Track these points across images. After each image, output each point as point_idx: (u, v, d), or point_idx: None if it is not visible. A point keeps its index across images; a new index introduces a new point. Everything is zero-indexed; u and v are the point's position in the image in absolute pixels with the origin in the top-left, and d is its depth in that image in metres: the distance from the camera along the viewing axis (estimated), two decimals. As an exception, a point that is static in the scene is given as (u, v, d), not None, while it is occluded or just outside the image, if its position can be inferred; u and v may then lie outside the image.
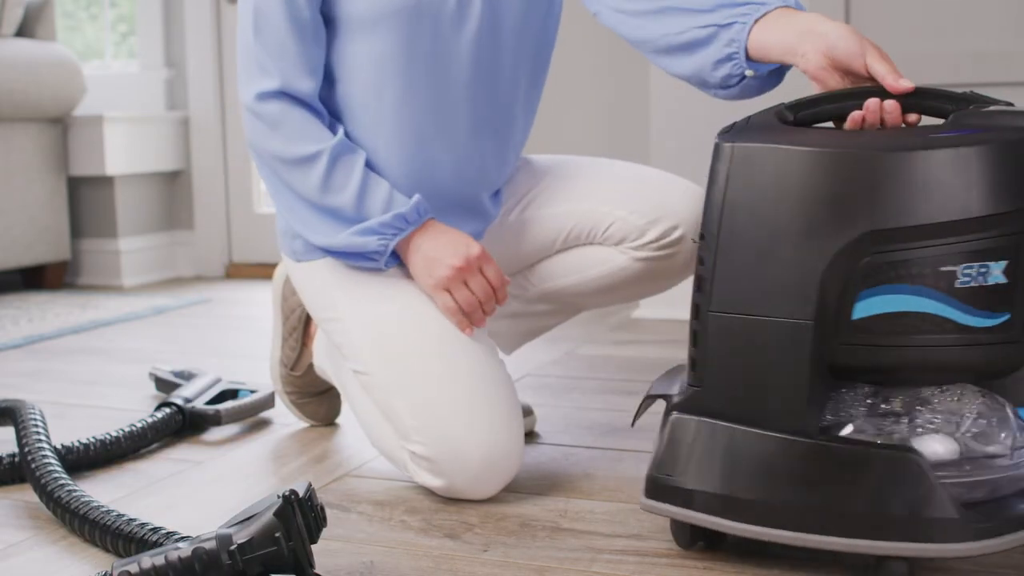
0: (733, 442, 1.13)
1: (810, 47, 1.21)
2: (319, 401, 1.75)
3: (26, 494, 1.44)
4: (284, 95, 1.38)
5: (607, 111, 3.12)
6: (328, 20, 1.40)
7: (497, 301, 1.42)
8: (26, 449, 1.42)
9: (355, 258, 1.40)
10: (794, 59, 1.24)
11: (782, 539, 1.10)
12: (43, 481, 1.34)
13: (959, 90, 1.17)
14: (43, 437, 1.45)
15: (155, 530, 1.19)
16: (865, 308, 1.08)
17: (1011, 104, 1.13)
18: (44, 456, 1.39)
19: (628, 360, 2.19)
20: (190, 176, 3.71)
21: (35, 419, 1.49)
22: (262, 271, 3.60)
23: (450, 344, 1.37)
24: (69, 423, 1.80)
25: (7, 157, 3.24)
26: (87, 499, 1.28)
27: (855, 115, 1.17)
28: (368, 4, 1.37)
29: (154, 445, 1.66)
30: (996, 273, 1.06)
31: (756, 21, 1.26)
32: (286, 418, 1.80)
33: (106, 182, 3.49)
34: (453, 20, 1.38)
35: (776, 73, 1.33)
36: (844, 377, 1.14)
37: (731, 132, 1.15)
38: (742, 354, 1.12)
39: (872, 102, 1.16)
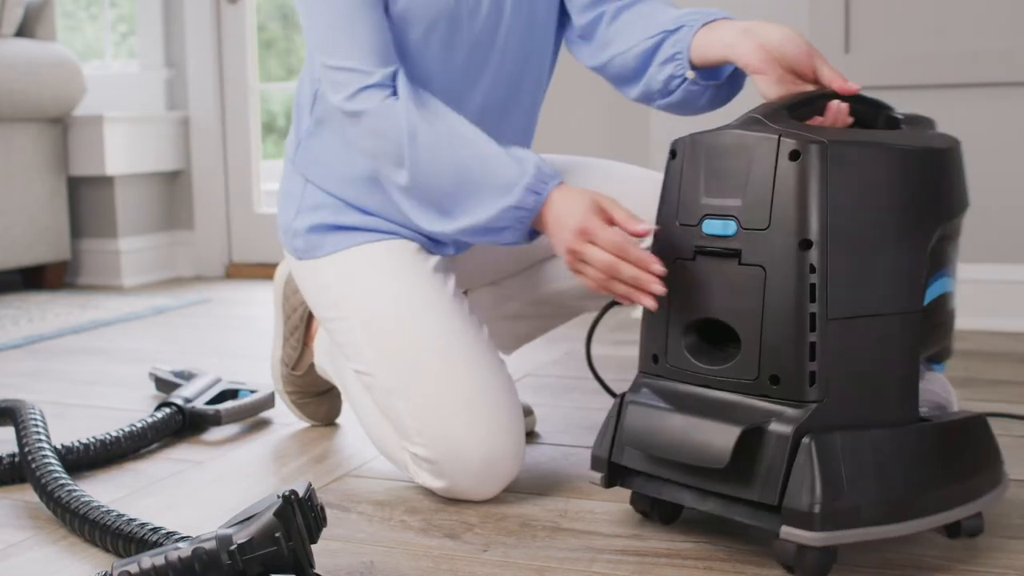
0: (883, 445, 1.10)
1: (751, 42, 1.25)
2: (320, 401, 1.75)
3: (26, 494, 1.44)
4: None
5: (607, 111, 3.12)
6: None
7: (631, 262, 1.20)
8: (26, 449, 1.42)
9: (494, 233, 1.31)
10: (734, 54, 1.27)
11: (931, 525, 1.13)
12: (43, 481, 1.34)
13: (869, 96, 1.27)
14: (43, 437, 1.45)
15: (155, 530, 1.19)
16: (930, 293, 1.16)
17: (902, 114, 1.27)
18: (44, 456, 1.39)
19: (628, 360, 2.19)
20: (190, 176, 3.71)
21: (35, 419, 1.49)
22: (262, 271, 3.60)
23: (451, 346, 1.37)
24: (69, 423, 1.81)
25: (7, 157, 3.24)
26: (87, 499, 1.28)
27: (818, 120, 1.23)
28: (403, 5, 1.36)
29: (154, 445, 1.66)
30: None
31: (702, 25, 1.32)
32: (286, 418, 1.80)
33: (106, 182, 3.49)
34: (468, 23, 1.38)
35: (724, 88, 1.36)
36: None
37: (758, 124, 1.14)
38: (862, 356, 1.11)
39: (834, 104, 1.23)
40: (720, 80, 1.36)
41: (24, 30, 3.40)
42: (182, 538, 1.14)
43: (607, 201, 1.25)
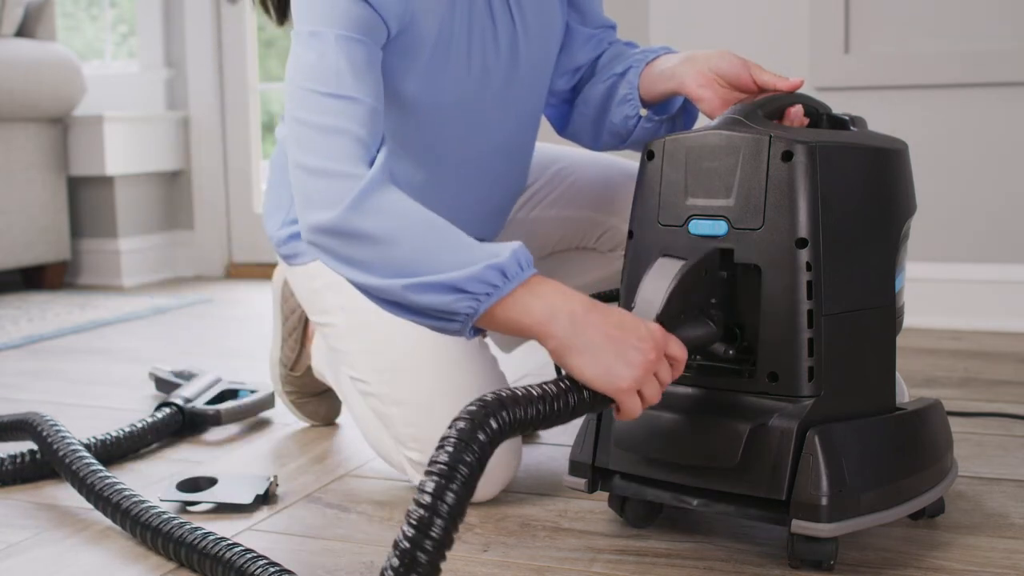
0: (873, 434, 1.15)
1: (690, 69, 1.30)
2: (319, 401, 1.75)
3: (26, 494, 1.44)
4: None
5: (607, 111, 3.11)
6: None
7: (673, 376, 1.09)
8: (55, 446, 1.42)
9: (424, 318, 1.10)
10: (676, 83, 1.32)
11: (914, 509, 1.17)
12: (81, 474, 1.35)
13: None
14: (68, 433, 1.45)
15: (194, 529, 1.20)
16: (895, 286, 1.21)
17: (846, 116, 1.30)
18: (76, 450, 1.40)
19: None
20: (190, 176, 3.71)
21: (52, 421, 1.48)
22: (262, 271, 3.60)
23: (443, 349, 1.36)
24: (69, 423, 1.80)
25: (7, 157, 3.24)
26: (129, 492, 1.30)
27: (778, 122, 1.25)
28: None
29: (154, 445, 1.66)
30: None
31: (647, 64, 1.36)
32: (286, 418, 1.80)
33: (106, 182, 3.49)
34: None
35: (680, 119, 1.39)
36: None
37: (738, 125, 1.15)
38: (851, 350, 1.15)
39: (794, 109, 1.25)
40: (673, 112, 1.39)
41: (24, 30, 3.40)
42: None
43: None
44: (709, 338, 1.13)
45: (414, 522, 0.88)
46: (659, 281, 1.10)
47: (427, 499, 0.89)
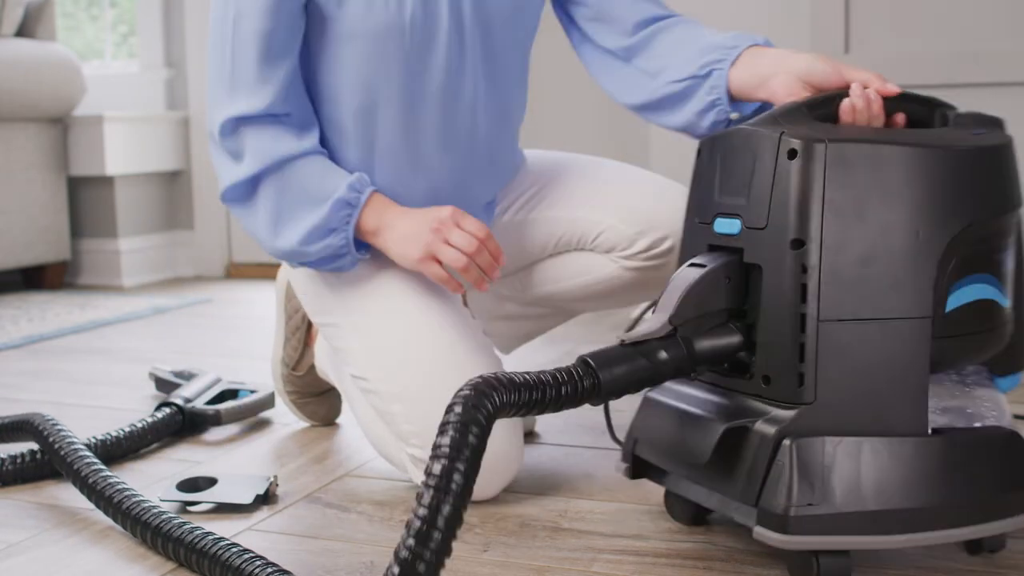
0: (868, 454, 1.07)
1: (781, 81, 1.28)
2: (320, 401, 1.75)
3: (27, 494, 1.44)
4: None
5: (607, 111, 3.12)
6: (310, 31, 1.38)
7: (489, 252, 1.34)
8: (56, 445, 1.41)
9: (328, 262, 1.38)
10: (767, 95, 1.31)
11: (932, 541, 1.08)
12: (83, 473, 1.35)
13: (922, 93, 1.24)
14: (70, 434, 1.45)
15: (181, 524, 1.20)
16: (954, 300, 1.11)
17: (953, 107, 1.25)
18: (78, 450, 1.40)
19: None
20: (190, 176, 3.71)
21: (54, 422, 1.48)
22: (262, 271, 3.60)
23: (445, 348, 1.36)
24: (69, 423, 1.80)
25: (7, 157, 3.24)
26: (130, 491, 1.30)
27: (846, 104, 1.20)
28: (350, 21, 1.35)
29: (154, 445, 1.66)
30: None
31: (732, 64, 1.35)
32: (286, 418, 1.80)
33: (106, 182, 3.49)
34: (421, 37, 1.36)
35: (762, 108, 1.37)
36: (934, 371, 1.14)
37: (771, 124, 1.13)
38: (859, 360, 1.08)
39: (856, 87, 1.21)
40: (757, 105, 1.39)
41: (24, 30, 3.40)
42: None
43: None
44: (732, 347, 1.12)
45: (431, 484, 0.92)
46: (677, 285, 1.12)
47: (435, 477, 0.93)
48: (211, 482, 1.41)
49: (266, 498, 1.39)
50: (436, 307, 1.39)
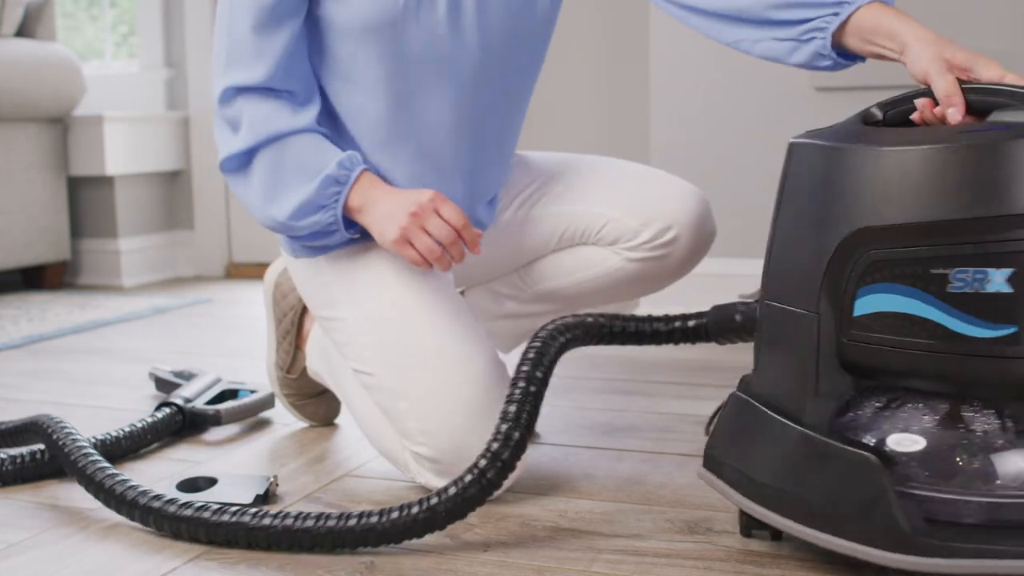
0: (759, 424, 1.17)
1: (927, 51, 1.25)
2: (317, 402, 1.75)
3: (27, 494, 1.44)
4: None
5: (607, 110, 3.12)
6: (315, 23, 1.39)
7: (464, 241, 1.35)
8: (61, 442, 1.42)
9: (317, 238, 1.39)
10: (905, 59, 1.29)
11: (789, 529, 1.11)
12: (89, 472, 1.35)
13: None
14: (78, 434, 1.46)
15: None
16: (864, 305, 1.08)
17: None
18: (85, 450, 1.40)
19: (628, 360, 2.19)
20: (190, 176, 3.71)
21: (63, 423, 1.48)
22: (262, 271, 3.60)
23: (452, 345, 1.36)
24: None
25: (7, 157, 3.24)
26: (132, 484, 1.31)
27: (920, 104, 1.21)
28: (349, 15, 1.35)
29: (154, 445, 1.66)
30: (997, 281, 1.01)
31: (843, 24, 1.32)
32: (286, 418, 1.80)
33: (106, 182, 3.49)
34: (430, 32, 1.36)
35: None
36: (861, 376, 1.13)
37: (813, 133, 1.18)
38: (776, 342, 1.17)
39: (921, 101, 1.21)
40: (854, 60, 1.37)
41: (24, 30, 3.40)
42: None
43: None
44: None
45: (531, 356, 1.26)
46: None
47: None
48: (211, 482, 1.41)
49: (266, 498, 1.39)
50: (444, 305, 1.39)
